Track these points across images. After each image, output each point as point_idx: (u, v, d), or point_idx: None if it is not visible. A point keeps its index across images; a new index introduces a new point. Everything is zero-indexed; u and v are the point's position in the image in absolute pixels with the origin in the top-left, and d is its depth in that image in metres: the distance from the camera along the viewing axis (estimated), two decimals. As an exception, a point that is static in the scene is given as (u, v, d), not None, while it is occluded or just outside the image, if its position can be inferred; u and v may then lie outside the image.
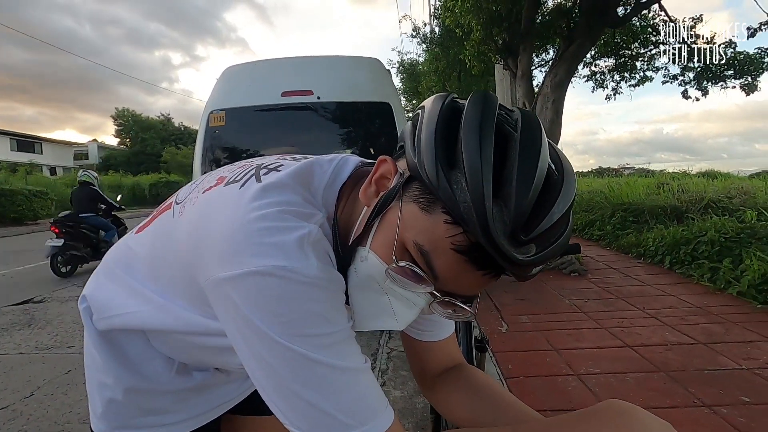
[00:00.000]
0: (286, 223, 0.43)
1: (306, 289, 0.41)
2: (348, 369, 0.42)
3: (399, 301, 0.48)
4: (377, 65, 3.46)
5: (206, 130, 3.30)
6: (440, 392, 0.66)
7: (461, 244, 0.42)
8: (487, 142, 0.41)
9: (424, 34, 12.05)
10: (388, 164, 0.49)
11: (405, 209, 0.44)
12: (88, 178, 5.83)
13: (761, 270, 3.22)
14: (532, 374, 2.19)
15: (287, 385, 0.41)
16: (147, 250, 0.58)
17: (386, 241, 0.46)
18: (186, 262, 0.49)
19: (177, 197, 0.59)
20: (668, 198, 6.13)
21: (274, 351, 0.41)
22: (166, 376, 0.61)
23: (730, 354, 2.31)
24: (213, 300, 0.45)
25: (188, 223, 0.51)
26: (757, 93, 6.77)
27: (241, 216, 0.44)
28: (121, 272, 0.60)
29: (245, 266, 0.40)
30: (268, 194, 0.46)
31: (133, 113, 39.85)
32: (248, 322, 0.41)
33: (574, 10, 6.04)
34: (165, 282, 0.55)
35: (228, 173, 0.54)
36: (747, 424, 1.69)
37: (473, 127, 0.42)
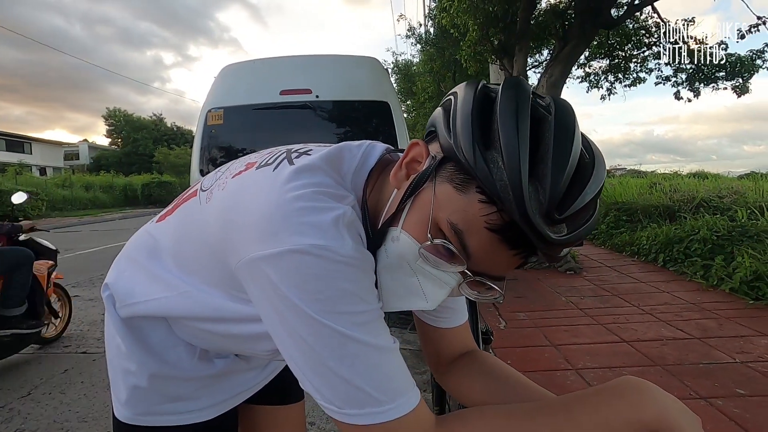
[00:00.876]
0: (321, 203, 0.44)
1: (341, 268, 0.42)
2: (380, 347, 0.43)
3: (429, 281, 0.48)
4: (376, 64, 3.48)
5: (204, 129, 3.29)
6: (455, 376, 0.67)
7: (495, 223, 0.42)
8: (524, 124, 0.42)
9: (419, 35, 12.08)
10: (420, 147, 0.49)
11: (439, 190, 0.45)
12: None
13: (753, 267, 3.28)
14: (531, 369, 2.22)
15: (322, 361, 0.42)
16: (171, 237, 0.58)
17: (419, 220, 0.46)
18: (215, 246, 0.49)
19: (202, 185, 0.59)
20: (661, 198, 6.21)
21: (310, 327, 0.41)
22: (188, 363, 0.61)
23: (724, 348, 2.36)
24: (247, 280, 0.45)
25: (218, 207, 0.51)
26: (745, 96, 6.87)
27: (277, 196, 0.44)
28: (143, 259, 0.60)
29: (283, 245, 0.41)
30: (302, 176, 0.47)
31: (124, 113, 39.49)
32: (285, 299, 0.42)
33: (568, 12, 6.10)
34: (190, 268, 0.55)
35: (257, 158, 0.55)
36: (742, 415, 1.73)
37: (509, 110, 0.42)
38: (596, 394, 0.46)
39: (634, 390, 0.45)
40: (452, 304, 0.68)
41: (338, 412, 0.43)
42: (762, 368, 2.11)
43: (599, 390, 0.47)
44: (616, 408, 0.44)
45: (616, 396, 0.45)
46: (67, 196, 18.64)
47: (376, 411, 0.42)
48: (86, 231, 11.25)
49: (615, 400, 0.45)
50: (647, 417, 0.43)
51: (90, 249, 7.72)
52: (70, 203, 18.39)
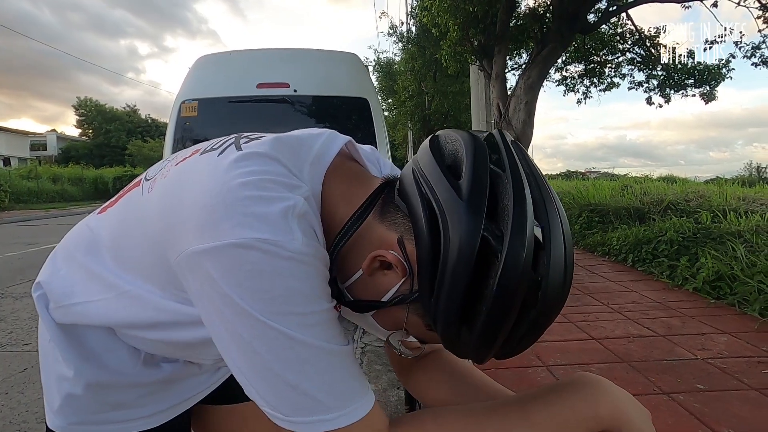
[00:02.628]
0: (269, 192, 0.41)
1: (289, 265, 0.39)
2: (331, 350, 0.41)
3: (375, 330, 0.54)
4: (355, 60, 3.45)
5: (177, 121, 3.20)
6: (417, 376, 0.66)
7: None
8: (512, 313, 0.41)
9: (401, 33, 12.09)
10: (399, 263, 0.45)
11: (410, 319, 0.47)
12: None
13: (715, 267, 3.42)
14: (503, 366, 2.25)
15: (268, 365, 0.39)
16: (111, 230, 0.53)
17: (389, 323, 0.50)
18: (156, 239, 0.45)
19: (146, 174, 0.55)
20: (631, 200, 6.41)
21: (254, 329, 0.38)
22: (131, 369, 0.56)
23: (687, 345, 2.45)
24: (186, 276, 0.42)
25: (159, 196, 0.47)
26: (711, 104, 7.18)
27: (220, 184, 0.41)
28: (81, 256, 0.55)
29: (225, 238, 0.38)
30: (250, 162, 0.43)
31: (96, 103, 38.15)
32: (226, 298, 0.38)
33: (546, 15, 6.21)
34: (130, 265, 0.50)
35: (202, 145, 0.52)
36: (701, 409, 1.79)
37: (502, 315, 0.40)
38: (552, 392, 0.47)
39: (588, 386, 0.46)
40: None
41: (285, 420, 0.40)
42: (720, 364, 2.20)
43: (555, 387, 0.47)
44: (571, 404, 0.45)
45: (571, 393, 0.46)
46: (33, 188, 17.88)
47: (325, 418, 0.40)
48: (53, 224, 10.81)
49: (570, 396, 0.45)
50: (601, 412, 0.44)
51: (56, 243, 7.41)
52: (35, 195, 17.65)
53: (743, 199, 5.69)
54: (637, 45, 7.13)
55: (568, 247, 0.41)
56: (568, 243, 0.41)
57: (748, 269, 3.24)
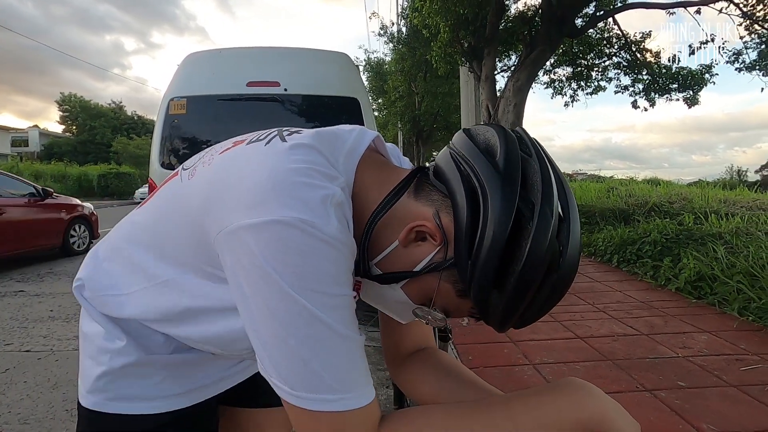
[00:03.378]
0: (313, 180, 0.44)
1: (324, 247, 0.41)
2: (346, 336, 0.43)
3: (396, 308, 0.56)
4: (346, 60, 3.45)
5: (165, 118, 3.16)
6: (408, 371, 0.67)
7: (476, 315, 0.51)
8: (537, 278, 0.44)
9: (392, 34, 12.11)
10: (434, 232, 0.48)
11: (442, 287, 0.50)
12: None
13: (696, 268, 3.51)
14: (491, 364, 2.28)
15: (286, 337, 0.41)
16: (150, 216, 0.57)
17: (418, 293, 0.52)
18: (197, 220, 0.48)
19: (184, 165, 0.59)
20: (617, 202, 6.53)
21: (281, 301, 0.41)
22: (166, 349, 0.59)
23: (669, 344, 2.51)
24: (224, 250, 0.44)
25: (203, 180, 0.50)
26: (694, 108, 7.35)
27: (270, 167, 0.44)
28: (124, 247, 0.58)
29: (269, 215, 0.40)
30: (297, 151, 0.47)
31: (80, 99, 37.37)
32: (261, 269, 0.41)
33: (535, 19, 6.29)
34: (169, 250, 0.53)
35: (245, 137, 0.55)
36: (681, 406, 1.84)
37: (532, 277, 0.44)
38: (538, 393, 0.48)
39: (575, 390, 0.47)
40: None
41: (290, 393, 0.42)
42: (701, 362, 2.26)
43: (541, 389, 0.48)
44: (556, 407, 0.45)
45: (557, 395, 0.47)
46: (14, 185, 17.42)
47: (328, 398, 0.42)
48: (35, 223, 10.55)
49: (556, 399, 0.46)
50: (586, 416, 0.45)
51: (38, 242, 7.24)
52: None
53: (724, 202, 5.84)
54: (624, 49, 7.26)
55: (579, 223, 0.48)
56: (578, 220, 0.48)
57: (728, 270, 3.33)
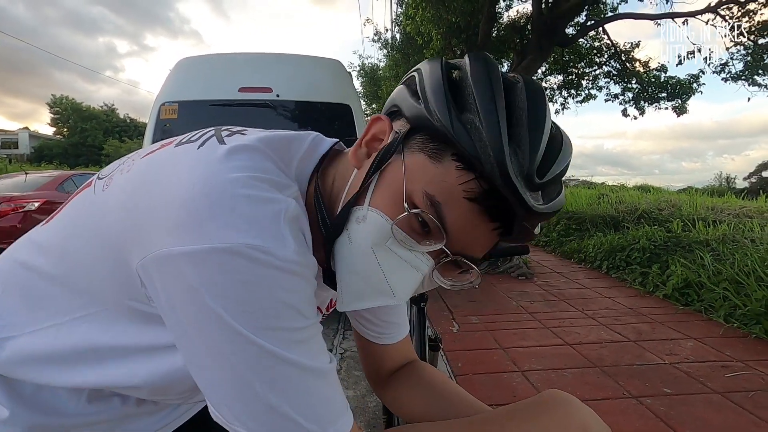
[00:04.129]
0: (261, 192, 0.37)
1: (279, 276, 0.35)
2: (316, 370, 0.38)
3: (398, 270, 0.42)
4: (339, 67, 3.47)
5: (156, 123, 3.15)
6: (393, 390, 0.65)
7: (475, 192, 0.39)
8: (498, 86, 0.40)
9: (386, 40, 12.20)
10: (382, 122, 0.44)
11: (410, 160, 0.41)
12: None
13: (683, 275, 3.55)
14: (480, 371, 2.29)
15: (247, 384, 0.35)
16: (55, 236, 0.46)
17: (390, 195, 0.41)
18: (113, 240, 0.40)
19: (99, 174, 0.49)
20: (607, 208, 6.59)
21: (234, 345, 0.35)
22: (74, 408, 0.47)
23: (655, 350, 2.54)
24: (153, 280, 0.37)
25: (120, 192, 0.41)
26: (684, 116, 7.48)
27: (205, 177, 0.36)
28: (20, 273, 0.47)
29: (209, 240, 0.34)
30: (237, 156, 0.39)
31: (72, 101, 37.11)
32: (205, 309, 0.34)
33: (527, 28, 6.38)
34: (79, 277, 0.43)
35: (175, 138, 0.46)
36: (666, 413, 1.86)
37: (482, 74, 0.40)
38: (523, 410, 0.48)
39: (558, 404, 0.47)
40: (395, 319, 0.67)
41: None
42: (686, 368, 2.28)
43: (526, 405, 0.48)
44: (542, 423, 0.45)
45: (542, 411, 0.47)
46: (3, 187, 17.22)
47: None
48: (23, 226, 10.42)
49: (541, 414, 0.46)
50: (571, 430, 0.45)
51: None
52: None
53: (712, 209, 5.93)
54: (613, 59, 7.37)
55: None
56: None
57: (714, 277, 3.38)
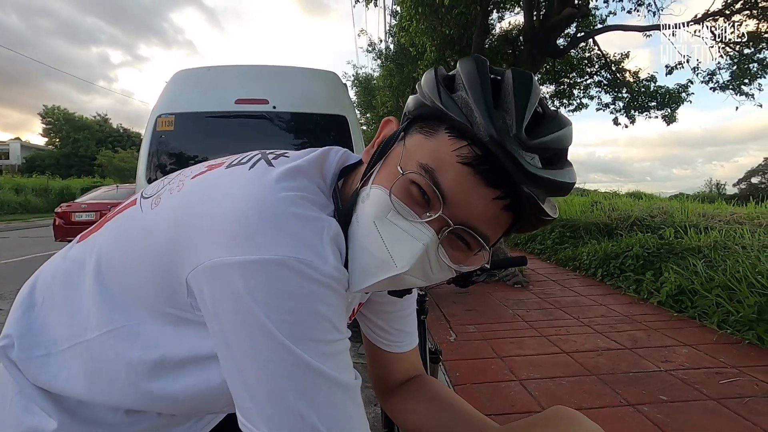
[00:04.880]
0: (307, 211, 0.40)
1: (321, 290, 0.38)
2: (344, 384, 0.39)
3: (399, 237, 0.42)
4: (334, 78, 3.52)
5: (153, 134, 3.16)
6: (399, 402, 0.66)
7: (467, 156, 0.40)
8: (483, 69, 0.43)
9: (380, 50, 12.31)
10: (392, 124, 0.48)
11: (409, 142, 0.44)
12: None
13: (677, 282, 3.59)
14: (478, 381, 2.29)
15: (281, 391, 0.37)
16: (98, 256, 0.48)
17: (390, 171, 0.44)
18: (164, 253, 0.42)
19: (143, 193, 0.52)
20: (600, 216, 6.66)
21: (274, 352, 0.36)
22: (113, 418, 0.50)
23: (651, 357, 2.56)
24: (202, 289, 0.39)
25: (173, 208, 0.44)
26: (673, 124, 7.60)
27: (257, 196, 0.39)
28: (59, 292, 0.48)
29: (260, 252, 0.36)
30: (287, 178, 0.42)
31: (64, 111, 36.91)
32: (250, 315, 0.36)
33: (519, 39, 6.48)
34: (125, 289, 0.46)
35: (223, 160, 0.49)
36: (663, 420, 1.88)
37: (470, 65, 0.43)
38: (531, 426, 0.48)
39: (564, 421, 0.47)
40: (407, 328, 0.68)
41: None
42: (682, 375, 2.30)
43: (533, 421, 0.49)
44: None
45: (549, 427, 0.47)
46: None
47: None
48: (15, 237, 10.31)
49: (546, 430, 0.47)
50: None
51: (18, 257, 7.08)
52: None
53: (703, 215, 6.00)
54: (604, 69, 7.50)
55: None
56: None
57: (707, 284, 3.42)
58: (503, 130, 0.39)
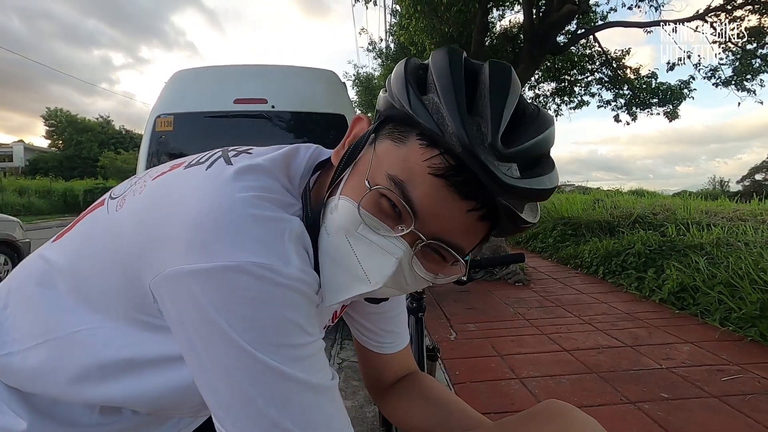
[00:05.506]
0: (266, 211, 0.38)
1: (284, 293, 0.36)
2: (319, 387, 0.38)
3: (371, 255, 0.41)
4: (333, 77, 3.51)
5: (152, 135, 3.17)
6: (393, 402, 0.65)
7: (438, 167, 0.38)
8: (457, 67, 0.40)
9: (380, 49, 12.31)
10: (363, 122, 0.46)
11: (378, 148, 0.42)
12: None
13: (679, 279, 3.57)
14: (478, 379, 2.29)
15: (251, 399, 0.36)
16: (69, 256, 0.47)
17: (359, 182, 0.42)
18: (128, 259, 0.41)
19: (111, 193, 0.51)
20: (602, 213, 6.63)
21: (240, 360, 0.36)
22: (88, 419, 0.48)
23: (652, 355, 2.54)
24: (164, 298, 0.38)
25: (134, 212, 0.43)
26: (675, 121, 7.57)
27: (212, 198, 0.38)
28: (30, 290, 0.48)
29: (217, 259, 0.35)
30: (243, 177, 0.40)
31: (67, 114, 37.02)
32: (212, 325, 0.35)
33: (519, 37, 6.46)
34: (93, 292, 0.45)
35: (185, 159, 0.48)
36: (665, 418, 1.87)
37: (442, 59, 0.41)
38: (524, 422, 0.48)
39: (558, 414, 0.46)
40: (396, 328, 0.67)
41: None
42: (683, 373, 2.29)
43: (525, 416, 0.48)
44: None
45: (542, 422, 0.46)
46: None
47: None
48: (17, 239, 10.35)
49: (541, 426, 0.46)
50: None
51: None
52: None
53: (706, 213, 5.97)
54: (605, 66, 7.48)
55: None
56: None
57: (709, 281, 3.40)
58: (477, 139, 0.37)
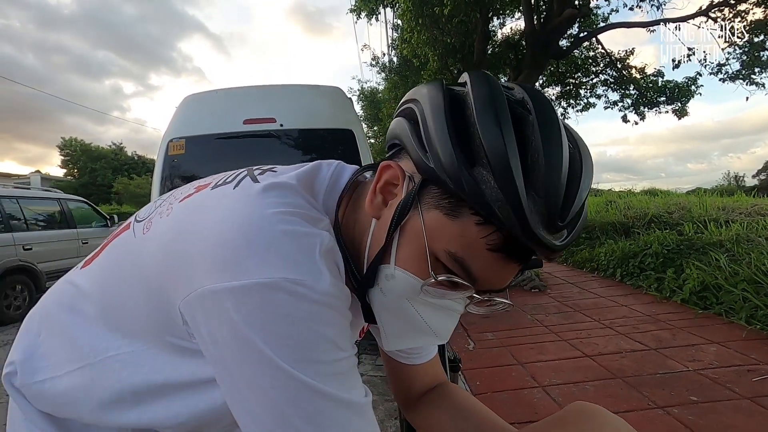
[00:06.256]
0: (296, 227, 0.38)
1: (317, 309, 0.36)
2: (352, 403, 0.38)
3: (436, 313, 0.44)
4: (339, 93, 3.57)
5: (165, 159, 3.24)
6: (424, 413, 0.65)
7: (497, 243, 0.39)
8: (508, 130, 0.37)
9: (383, 64, 12.46)
10: (393, 170, 0.44)
11: (427, 217, 0.40)
12: None
13: (700, 278, 3.49)
14: (499, 389, 2.25)
15: (286, 417, 0.35)
16: (98, 281, 0.48)
17: (414, 255, 0.41)
18: (156, 281, 0.41)
19: (137, 216, 0.51)
20: (616, 215, 6.54)
21: (275, 378, 0.35)
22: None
23: (678, 357, 2.48)
24: (196, 317, 0.38)
25: (161, 233, 0.43)
26: (684, 118, 7.49)
27: (242, 215, 0.38)
28: (63, 316, 0.48)
29: (249, 276, 0.35)
30: (271, 193, 0.41)
31: (81, 143, 38.04)
32: (247, 342, 0.35)
33: (521, 43, 6.50)
34: (122, 316, 0.45)
35: (210, 180, 0.48)
36: (695, 422, 1.81)
37: (489, 117, 0.38)
38: (554, 426, 0.47)
39: (584, 415, 0.46)
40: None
41: None
42: (712, 375, 2.22)
43: (556, 420, 0.48)
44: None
45: (569, 423, 0.46)
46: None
47: None
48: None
49: (570, 428, 0.45)
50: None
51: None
52: (19, 238, 17.28)
53: (723, 209, 5.86)
54: (609, 67, 7.46)
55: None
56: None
57: (731, 278, 3.31)
58: (536, 222, 0.37)
